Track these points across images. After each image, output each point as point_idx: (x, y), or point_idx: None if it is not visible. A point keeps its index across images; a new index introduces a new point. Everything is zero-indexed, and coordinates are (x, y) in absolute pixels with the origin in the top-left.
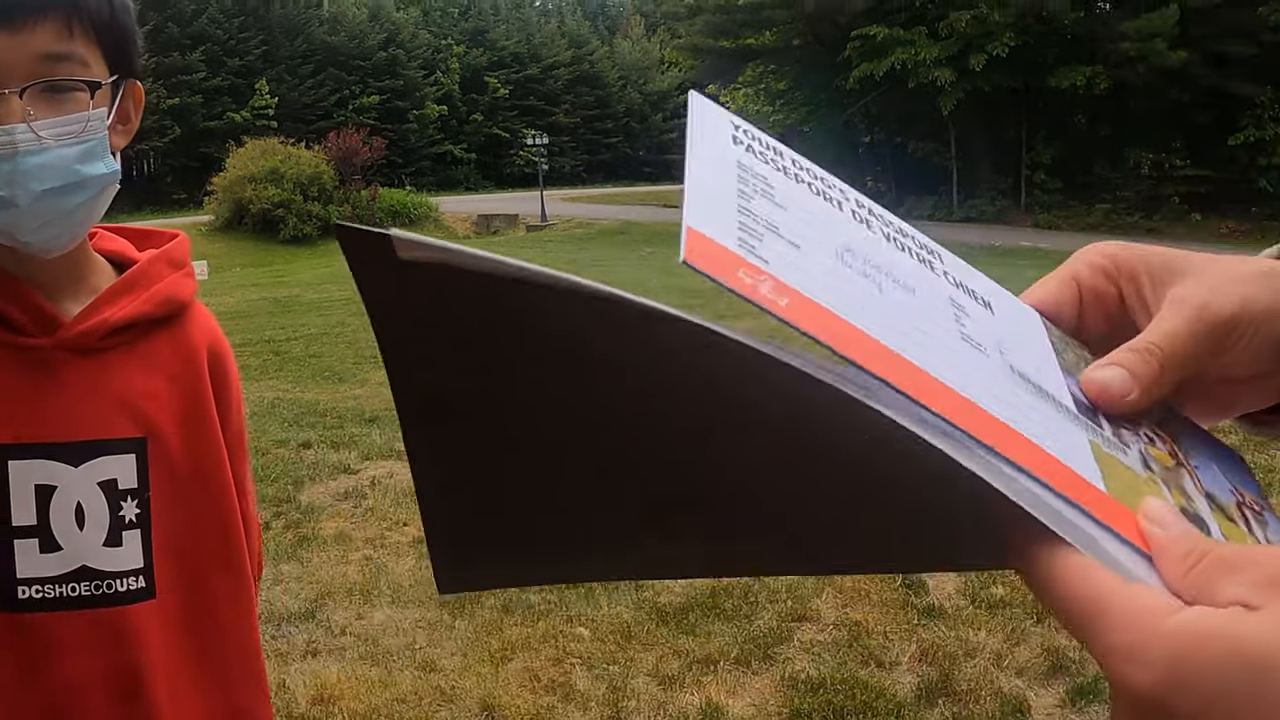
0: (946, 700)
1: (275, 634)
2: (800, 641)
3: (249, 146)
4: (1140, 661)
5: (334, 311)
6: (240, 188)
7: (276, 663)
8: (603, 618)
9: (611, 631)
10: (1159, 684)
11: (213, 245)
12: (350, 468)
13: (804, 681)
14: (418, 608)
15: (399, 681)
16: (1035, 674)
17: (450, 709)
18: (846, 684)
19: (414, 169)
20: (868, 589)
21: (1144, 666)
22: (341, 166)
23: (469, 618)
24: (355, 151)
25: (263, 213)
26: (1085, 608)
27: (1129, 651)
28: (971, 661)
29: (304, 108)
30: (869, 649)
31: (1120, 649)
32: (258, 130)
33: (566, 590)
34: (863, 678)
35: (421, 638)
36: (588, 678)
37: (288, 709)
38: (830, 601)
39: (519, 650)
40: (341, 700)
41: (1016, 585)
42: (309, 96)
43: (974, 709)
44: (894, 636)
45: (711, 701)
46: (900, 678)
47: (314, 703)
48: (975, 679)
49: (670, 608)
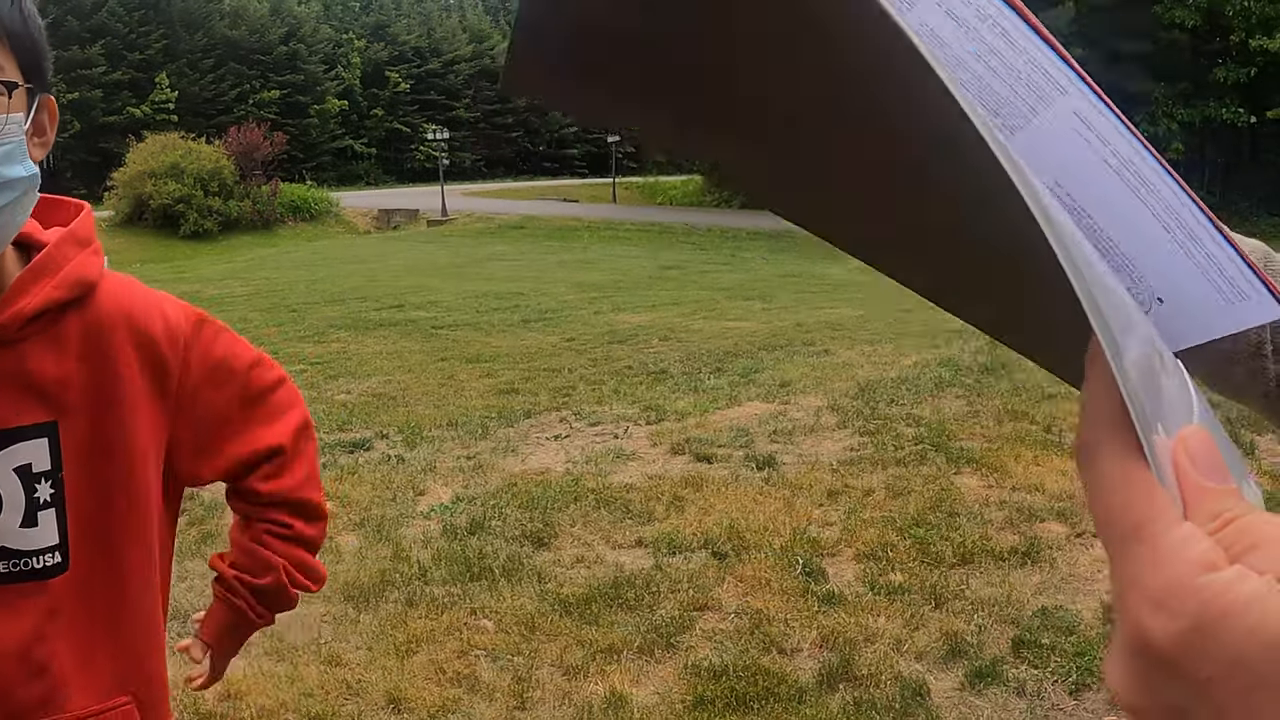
0: (848, 685)
1: (181, 631)
2: (702, 630)
3: (149, 141)
4: (1168, 611)
5: (236, 307)
6: (140, 183)
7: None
8: (506, 609)
9: (515, 623)
10: (1180, 638)
11: (113, 241)
12: None
13: (707, 669)
14: (322, 602)
15: (305, 676)
16: (934, 658)
17: (357, 702)
18: (749, 671)
19: (315, 164)
20: (768, 578)
21: (1170, 617)
22: (242, 161)
23: (373, 611)
24: (256, 146)
25: (163, 208)
26: (1131, 530)
27: (1159, 596)
28: (871, 647)
29: (204, 102)
30: (770, 636)
31: (1151, 591)
32: (158, 125)
33: (470, 583)
34: (765, 664)
35: (326, 632)
36: (493, 669)
37: (194, 706)
38: (731, 590)
39: (424, 643)
40: (248, 696)
41: (914, 571)
42: (209, 91)
43: (875, 693)
44: (795, 624)
45: (615, 691)
46: (802, 664)
47: (221, 699)
48: (875, 664)
49: (573, 599)
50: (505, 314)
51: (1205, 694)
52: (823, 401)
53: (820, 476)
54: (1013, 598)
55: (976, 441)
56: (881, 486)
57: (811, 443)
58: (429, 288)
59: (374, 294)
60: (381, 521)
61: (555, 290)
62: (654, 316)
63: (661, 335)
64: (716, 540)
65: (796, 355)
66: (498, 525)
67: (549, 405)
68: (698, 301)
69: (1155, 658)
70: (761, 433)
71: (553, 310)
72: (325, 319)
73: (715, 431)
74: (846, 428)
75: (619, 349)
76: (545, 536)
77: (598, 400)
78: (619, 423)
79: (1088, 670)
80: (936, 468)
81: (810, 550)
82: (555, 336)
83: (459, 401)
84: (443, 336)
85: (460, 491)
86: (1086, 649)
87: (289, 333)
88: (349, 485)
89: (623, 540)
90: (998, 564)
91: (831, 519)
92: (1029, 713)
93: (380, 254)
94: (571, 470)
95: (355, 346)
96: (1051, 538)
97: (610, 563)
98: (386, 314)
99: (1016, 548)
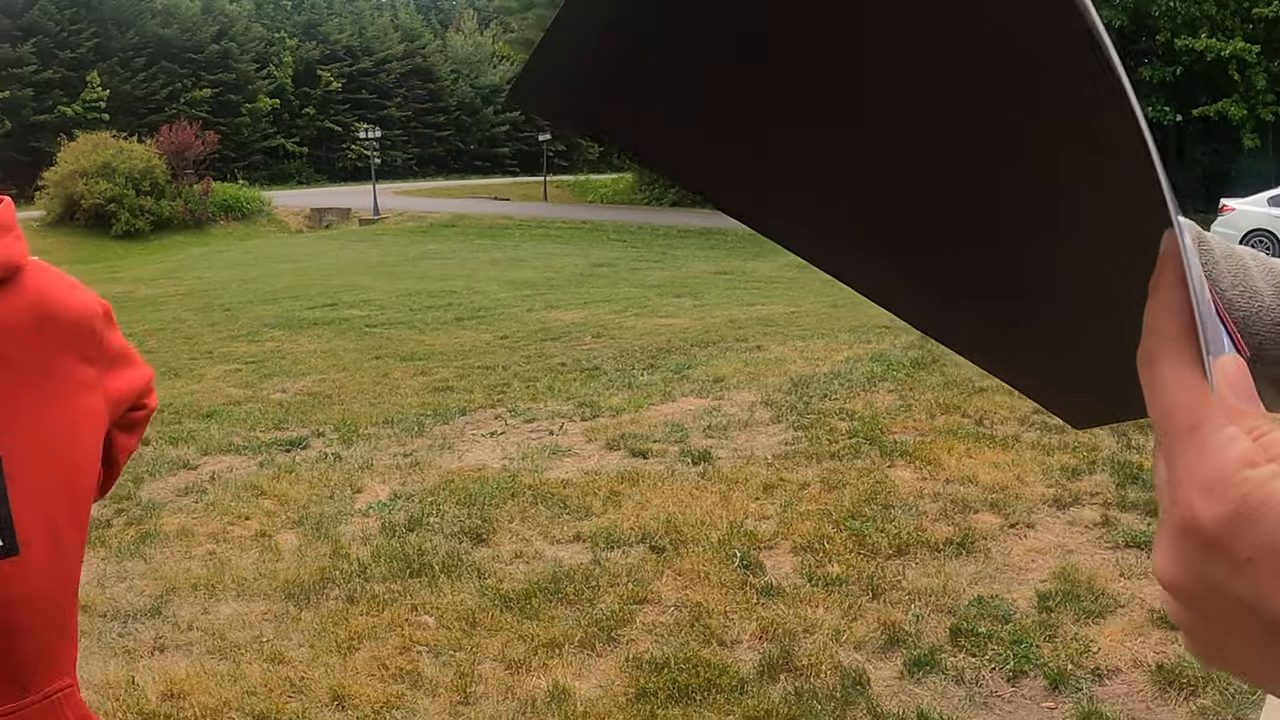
0: (788, 675)
1: (122, 631)
2: (642, 623)
3: (81, 140)
4: (1215, 495)
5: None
6: (72, 182)
7: (124, 660)
8: (447, 605)
9: (456, 619)
10: (1227, 520)
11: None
12: (189, 463)
13: (648, 662)
14: (263, 600)
15: (248, 674)
16: (873, 648)
17: (300, 700)
18: (690, 663)
19: (247, 163)
20: (707, 571)
21: (1217, 501)
22: (174, 160)
23: (314, 609)
24: (188, 145)
25: (95, 208)
26: (1186, 429)
27: (1209, 483)
28: (811, 637)
29: (136, 101)
30: (710, 629)
31: (1201, 478)
32: (89, 124)
33: (410, 579)
34: (705, 656)
35: (269, 630)
36: (435, 665)
37: (138, 706)
38: (670, 584)
39: (366, 640)
40: (192, 695)
41: (851, 563)
42: (141, 90)
43: (815, 683)
44: (734, 616)
45: (558, 684)
46: (742, 655)
47: (164, 698)
48: (815, 654)
49: (513, 594)
50: (438, 312)
51: (1244, 572)
52: (756, 397)
53: (755, 471)
54: (949, 587)
55: (910, 435)
56: (817, 480)
57: (746, 437)
58: (362, 286)
59: (307, 293)
60: (320, 519)
61: (488, 288)
62: (586, 314)
63: (594, 332)
64: (654, 534)
65: (729, 351)
66: (436, 522)
67: (484, 402)
68: (629, 299)
69: (1202, 539)
70: (696, 428)
71: (486, 308)
72: (259, 318)
73: (650, 427)
74: (781, 422)
75: (552, 346)
76: (484, 533)
77: (532, 397)
78: (554, 419)
79: (1025, 657)
80: (871, 461)
81: (747, 543)
82: (489, 334)
83: (394, 399)
84: (377, 335)
85: (398, 489)
86: (1023, 636)
87: (223, 332)
88: (286, 484)
89: (561, 535)
90: (933, 555)
91: (768, 512)
92: (968, 700)
93: (313, 253)
94: (508, 467)
95: (290, 345)
96: (985, 528)
97: (549, 558)
98: (320, 313)
99: (951, 539)
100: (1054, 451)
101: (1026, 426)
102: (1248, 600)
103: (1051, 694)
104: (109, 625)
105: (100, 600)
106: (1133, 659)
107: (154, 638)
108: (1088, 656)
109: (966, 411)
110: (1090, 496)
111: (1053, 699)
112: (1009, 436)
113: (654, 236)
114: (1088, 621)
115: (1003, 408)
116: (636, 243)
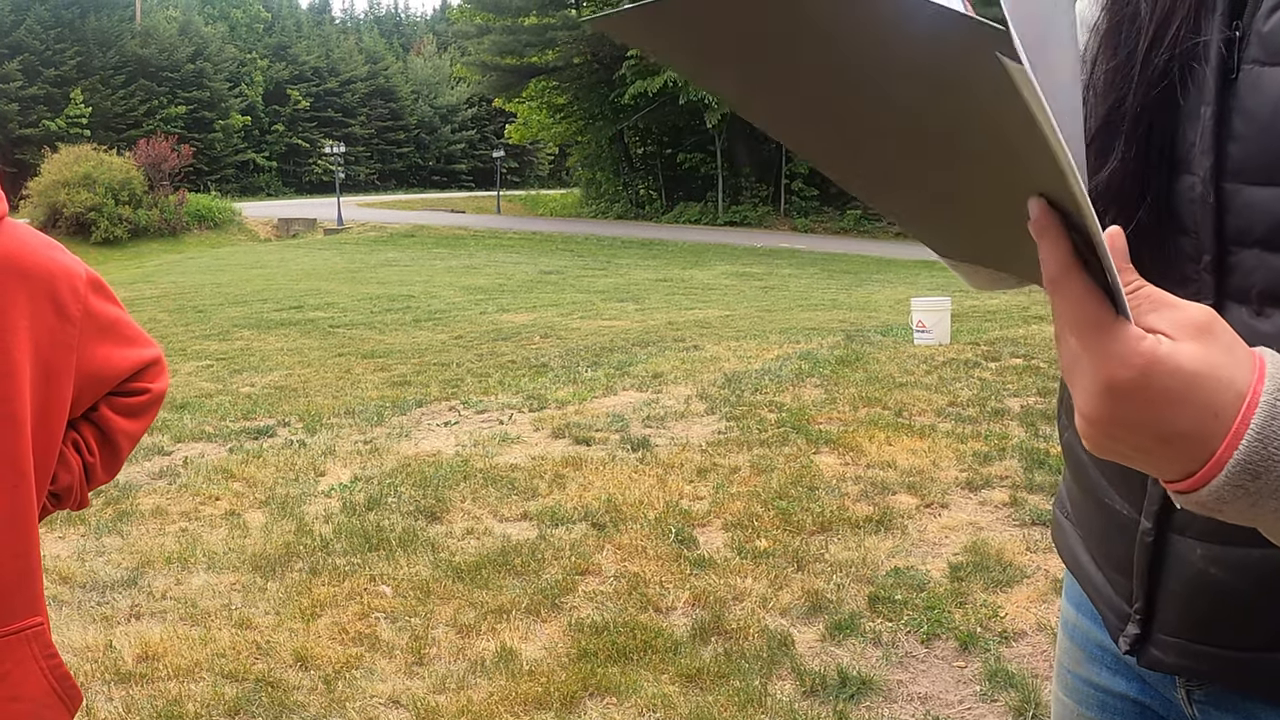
0: (719, 638)
1: (100, 600)
2: (584, 592)
3: (63, 153)
4: (1124, 363)
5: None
6: (55, 192)
7: (102, 626)
8: (403, 576)
9: (412, 588)
10: (1135, 379)
11: None
12: (164, 449)
13: (589, 626)
14: (232, 572)
15: (218, 638)
16: (798, 614)
17: (266, 661)
18: (628, 627)
19: (219, 176)
20: (644, 545)
21: (1126, 367)
22: (151, 172)
23: (280, 580)
24: (164, 158)
25: (76, 216)
26: (1092, 325)
27: (1119, 357)
28: (740, 604)
29: (116, 116)
30: (647, 596)
31: (1112, 354)
32: (72, 138)
33: (369, 553)
34: (642, 621)
35: (237, 599)
36: (391, 629)
37: (115, 667)
38: (610, 557)
39: (327, 607)
40: (165, 657)
41: (778, 538)
42: (121, 106)
43: (744, 645)
44: (669, 585)
45: (506, 646)
46: (676, 620)
47: (140, 660)
48: (743, 619)
49: (465, 566)
50: (397, 314)
51: (1148, 408)
52: (692, 390)
53: (690, 456)
54: (868, 560)
55: (834, 425)
56: (747, 465)
57: (682, 427)
58: (326, 291)
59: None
60: (285, 499)
61: (444, 293)
62: (535, 316)
63: (542, 333)
64: (596, 513)
65: (668, 350)
66: (393, 501)
67: (439, 395)
68: (575, 303)
69: (1121, 391)
70: (636, 418)
71: (441, 311)
72: (229, 319)
73: (593, 417)
74: (714, 414)
75: (503, 345)
76: (438, 511)
77: (484, 391)
78: (504, 410)
79: (937, 622)
80: (797, 448)
81: (682, 521)
82: (444, 334)
83: (355, 392)
84: (340, 335)
85: (358, 472)
86: (936, 603)
87: (195, 331)
88: (254, 467)
89: (509, 514)
90: (854, 531)
91: (701, 493)
92: (884, 660)
93: (280, 260)
94: (461, 452)
95: (258, 344)
96: (903, 508)
97: (498, 534)
98: (287, 314)
99: (871, 517)
100: (968, 440)
101: (942, 418)
102: (1149, 424)
103: (962, 654)
104: (88, 595)
105: (80, 572)
106: (1037, 623)
107: (130, 606)
108: (995, 621)
109: (887, 404)
110: (1000, 480)
111: (963, 659)
112: (926, 426)
113: (599, 247)
114: (996, 590)
115: (921, 401)
116: (583, 252)
